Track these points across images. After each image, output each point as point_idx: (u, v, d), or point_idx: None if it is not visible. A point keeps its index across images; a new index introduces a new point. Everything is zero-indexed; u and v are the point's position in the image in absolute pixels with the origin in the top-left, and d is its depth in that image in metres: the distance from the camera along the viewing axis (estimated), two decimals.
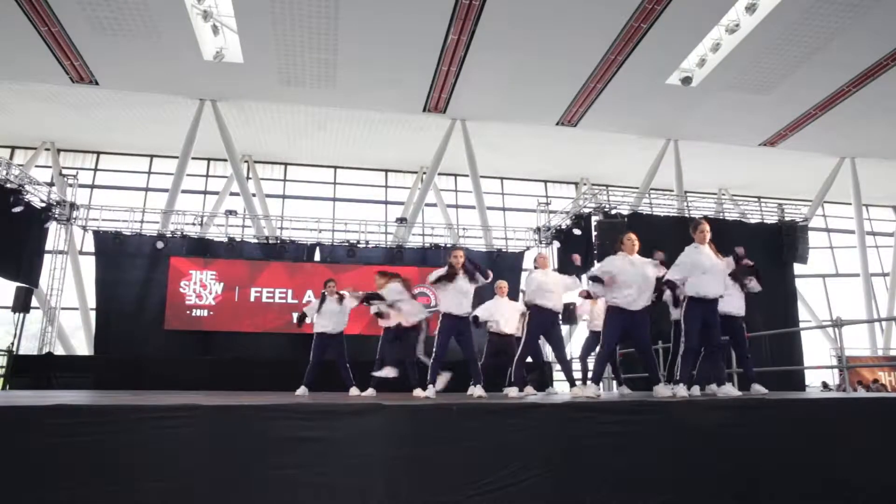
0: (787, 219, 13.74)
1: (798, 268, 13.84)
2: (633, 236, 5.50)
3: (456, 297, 5.86)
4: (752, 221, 14.04)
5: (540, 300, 6.11)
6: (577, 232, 13.26)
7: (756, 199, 19.07)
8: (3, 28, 11.52)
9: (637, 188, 16.78)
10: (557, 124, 15.58)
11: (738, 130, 15.96)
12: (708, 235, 5.46)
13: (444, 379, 6.24)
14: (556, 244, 14.40)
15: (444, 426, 3.66)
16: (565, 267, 14.02)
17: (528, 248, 14.81)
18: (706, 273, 5.27)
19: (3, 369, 11.14)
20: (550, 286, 6.16)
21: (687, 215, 13.56)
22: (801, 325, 14.58)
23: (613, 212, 12.50)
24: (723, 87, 13.75)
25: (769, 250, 13.17)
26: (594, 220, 12.70)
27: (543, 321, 6.16)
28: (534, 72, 13.28)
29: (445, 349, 5.81)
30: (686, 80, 13.40)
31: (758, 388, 5.63)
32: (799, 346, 12.66)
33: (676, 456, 3.90)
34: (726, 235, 13.05)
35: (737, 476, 3.93)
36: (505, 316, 7.57)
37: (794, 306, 13.40)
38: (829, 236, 20.85)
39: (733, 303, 5.99)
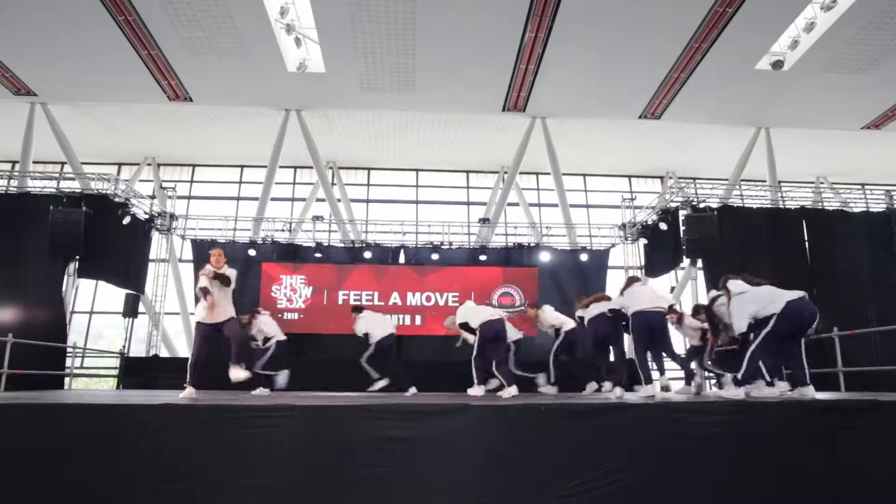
0: None
1: None
2: None
3: None
4: (857, 210, 13.16)
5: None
6: (663, 227, 12.87)
7: (860, 187, 17.89)
8: (109, 54, 12.37)
9: (726, 180, 16.08)
10: (640, 117, 15.15)
11: (837, 114, 14.97)
12: None
13: None
14: (643, 240, 14.03)
15: (533, 426, 3.64)
16: (653, 263, 13.65)
17: (613, 246, 14.50)
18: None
19: (117, 370, 11.97)
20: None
21: (781, 206, 12.89)
22: None
23: (702, 205, 12.04)
24: (818, 69, 12.94)
25: (877, 240, 12.34)
26: (682, 214, 12.29)
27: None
28: (614, 65, 12.97)
29: None
30: (777, 64, 12.72)
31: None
32: None
33: (774, 456, 3.71)
34: (827, 226, 12.42)
35: (843, 478, 3.70)
36: None
37: None
38: None
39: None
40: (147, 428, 3.44)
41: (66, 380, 11.31)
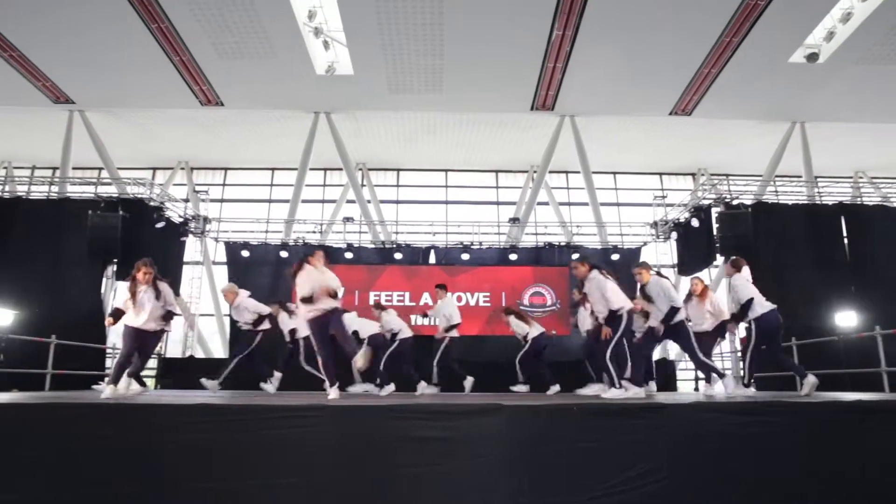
0: None
1: None
2: None
3: None
4: None
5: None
6: (695, 223, 12.65)
7: None
8: (143, 61, 12.64)
9: (760, 176, 15.78)
10: (670, 114, 14.94)
11: (876, 106, 14.53)
12: None
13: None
14: (675, 237, 13.84)
15: (566, 426, 3.61)
16: (685, 261, 13.47)
17: (644, 244, 14.32)
18: None
19: (154, 371, 12.21)
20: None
21: (818, 202, 12.60)
22: None
23: (735, 202, 11.84)
24: (856, 61, 12.60)
25: None
26: (714, 211, 12.10)
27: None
28: (643, 61, 12.81)
29: None
30: (812, 57, 12.40)
31: None
32: None
33: (810, 458, 3.62)
34: (867, 221, 12.10)
35: (880, 480, 3.60)
36: None
37: None
38: None
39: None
40: (180, 427, 3.50)
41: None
